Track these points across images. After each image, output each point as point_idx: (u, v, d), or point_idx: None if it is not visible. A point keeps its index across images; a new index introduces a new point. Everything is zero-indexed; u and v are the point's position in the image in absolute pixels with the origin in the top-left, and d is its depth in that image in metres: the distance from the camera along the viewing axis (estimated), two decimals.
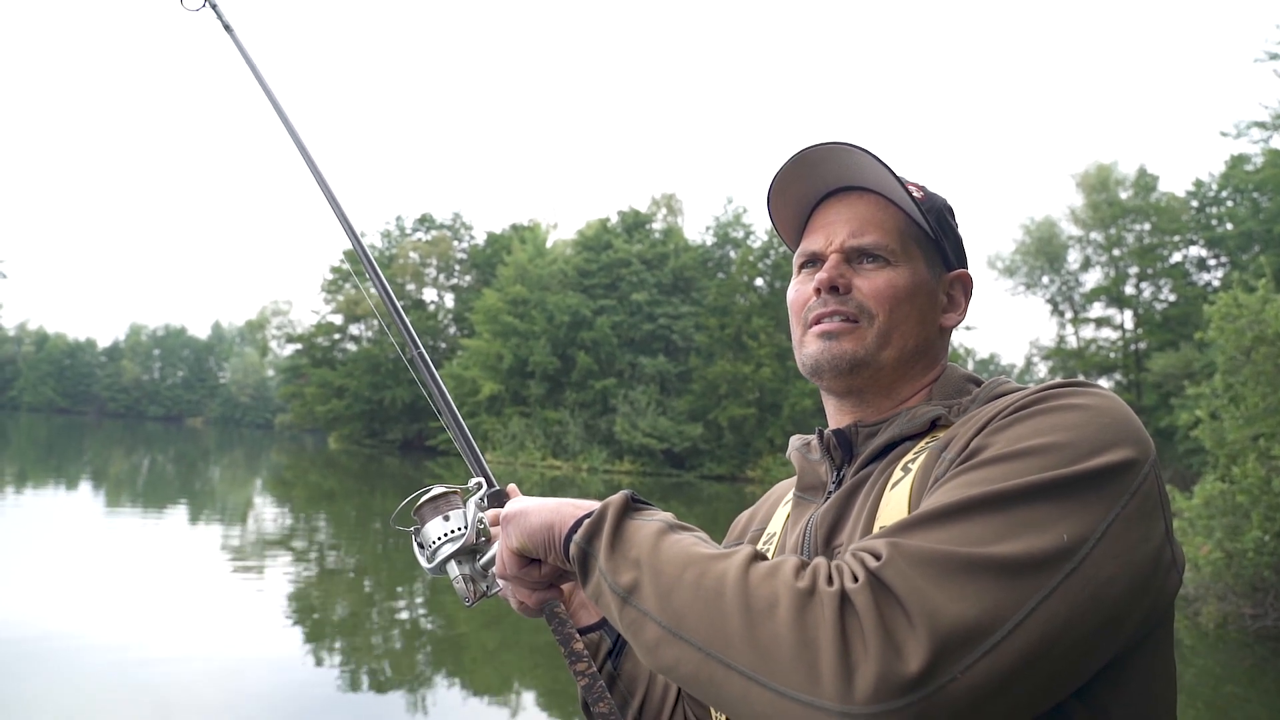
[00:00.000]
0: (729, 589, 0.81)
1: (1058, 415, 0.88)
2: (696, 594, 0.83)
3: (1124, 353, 40.51)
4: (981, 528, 0.78)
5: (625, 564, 0.91)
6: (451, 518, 1.21)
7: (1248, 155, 35.19)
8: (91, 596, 9.63)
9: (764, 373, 43.60)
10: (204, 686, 6.96)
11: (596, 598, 0.95)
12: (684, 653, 0.82)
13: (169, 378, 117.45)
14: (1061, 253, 42.95)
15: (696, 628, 0.81)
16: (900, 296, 1.12)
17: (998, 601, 0.74)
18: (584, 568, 0.97)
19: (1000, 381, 1.09)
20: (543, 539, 1.06)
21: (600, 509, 0.99)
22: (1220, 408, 12.33)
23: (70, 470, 28.70)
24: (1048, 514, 0.79)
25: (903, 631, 0.73)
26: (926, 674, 0.71)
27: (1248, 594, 11.22)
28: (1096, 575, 0.77)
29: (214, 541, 14.95)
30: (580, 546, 0.98)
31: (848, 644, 0.73)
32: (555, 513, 1.06)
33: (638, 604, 0.88)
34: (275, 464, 41.67)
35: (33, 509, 17.69)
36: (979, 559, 0.76)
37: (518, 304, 50.04)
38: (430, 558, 1.20)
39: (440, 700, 7.37)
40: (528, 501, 1.12)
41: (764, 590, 0.79)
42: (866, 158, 1.10)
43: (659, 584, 0.87)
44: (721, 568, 0.84)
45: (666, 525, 0.95)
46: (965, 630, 0.72)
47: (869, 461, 1.10)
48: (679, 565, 0.87)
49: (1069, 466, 0.82)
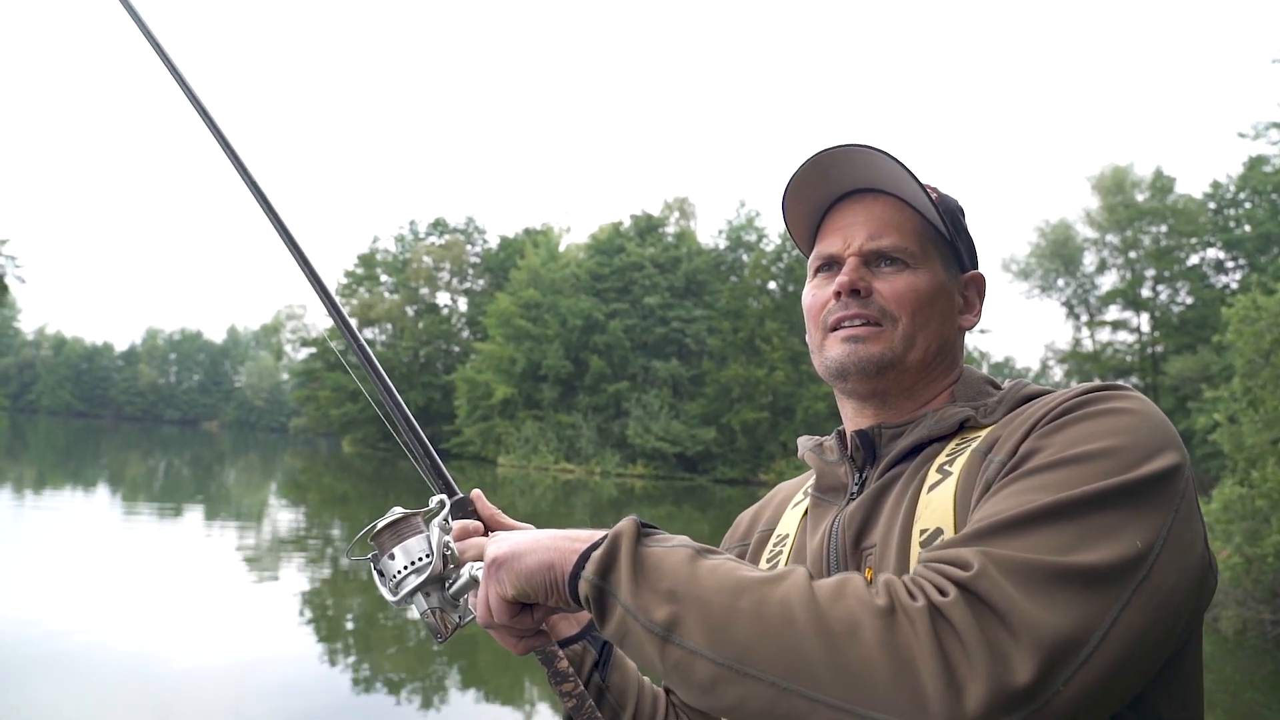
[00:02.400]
0: (800, 613, 0.75)
1: (1107, 420, 0.89)
2: (760, 623, 0.76)
3: (1141, 356, 40.20)
4: (1060, 535, 0.77)
5: (658, 597, 0.81)
6: (414, 544, 1.08)
7: (1266, 156, 34.87)
8: (107, 598, 9.70)
9: (777, 376, 43.51)
10: (219, 688, 6.99)
11: (621, 638, 0.84)
12: (752, 690, 0.74)
13: (185, 381, 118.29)
14: (1077, 255, 42.69)
15: (767, 661, 0.74)
16: (921, 299, 1.11)
17: (1087, 611, 0.73)
18: (601, 606, 0.86)
19: (1023, 384, 1.09)
20: (543, 581, 0.94)
21: (610, 539, 0.88)
22: (1239, 411, 12.21)
23: (87, 473, 28.95)
24: (1118, 521, 0.79)
25: (1007, 644, 0.70)
26: (1036, 687, 0.69)
27: (1268, 599, 11.10)
28: (1164, 582, 0.77)
29: (229, 544, 15.04)
30: (593, 583, 0.86)
31: (949, 660, 0.70)
32: (553, 550, 0.93)
33: (682, 641, 0.78)
34: (290, 467, 41.89)
35: (50, 511, 17.84)
36: (1067, 568, 0.74)
37: (531, 308, 50.14)
38: (394, 589, 1.07)
39: (454, 702, 7.38)
40: (515, 539, 0.98)
41: (840, 612, 0.74)
42: (884, 159, 1.10)
43: (708, 616, 0.78)
44: (782, 592, 0.77)
45: (694, 550, 0.86)
46: (1065, 642, 0.71)
47: (896, 463, 1.09)
48: (729, 593, 0.79)
49: (1129, 472, 0.82)
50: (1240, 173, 37.91)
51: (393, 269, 66.46)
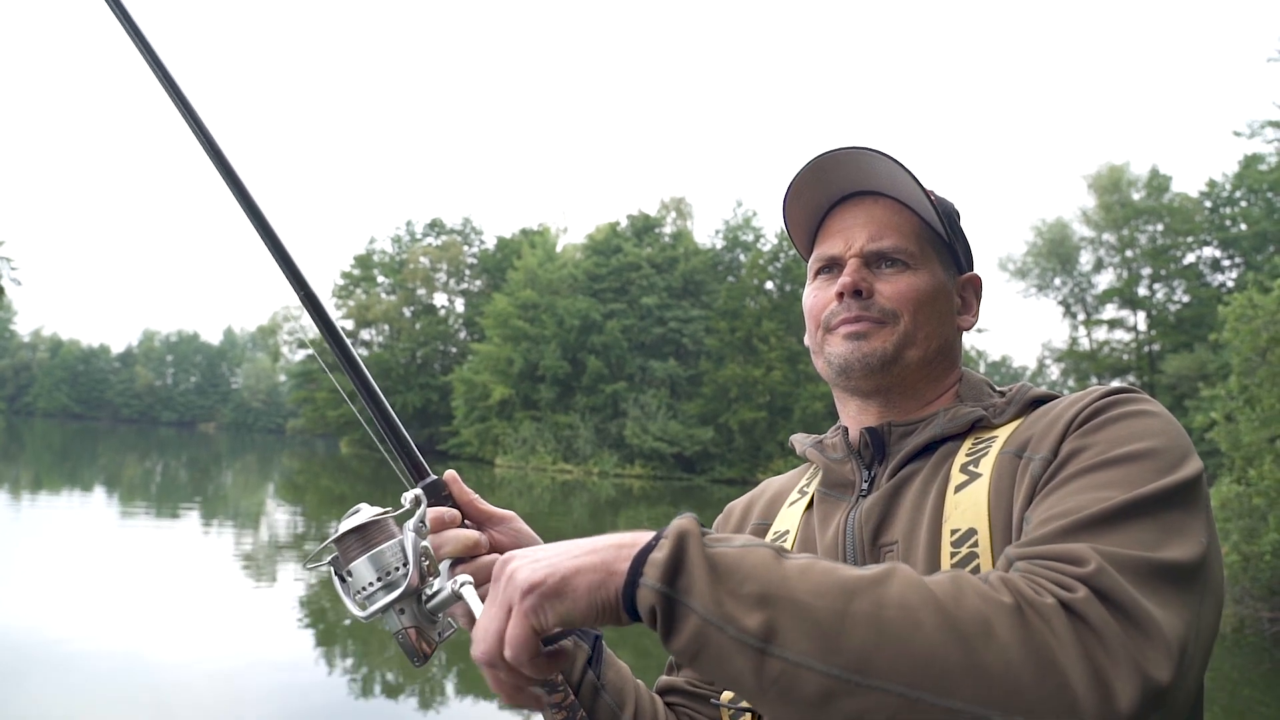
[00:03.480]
0: (925, 615, 0.69)
1: (1140, 421, 0.92)
2: (879, 627, 0.69)
3: (1137, 354, 40.28)
4: (1146, 531, 0.79)
5: (746, 603, 0.71)
6: (385, 552, 0.90)
7: (1262, 155, 34.99)
8: (104, 600, 9.68)
9: (774, 376, 43.55)
10: (216, 690, 6.98)
11: (696, 653, 0.72)
12: (874, 700, 0.68)
13: (182, 383, 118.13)
14: (1073, 254, 42.78)
15: (892, 668, 0.68)
16: (922, 299, 1.13)
17: (1185, 606, 0.74)
18: (670, 618, 0.73)
19: (1028, 387, 1.11)
20: (598, 603, 0.77)
21: (674, 538, 0.75)
22: (1236, 410, 12.24)
23: (84, 475, 28.89)
24: (1184, 518, 0.81)
25: (1144, 645, 0.70)
26: (1174, 686, 0.70)
27: (1265, 597, 11.12)
28: (1217, 576, 0.81)
29: (226, 545, 15.01)
30: (660, 592, 0.73)
31: (1094, 660, 0.68)
32: (600, 559, 0.77)
33: (783, 652, 0.69)
34: (287, 468, 41.84)
35: (47, 514, 17.81)
36: (1167, 564, 0.76)
37: (528, 308, 50.14)
38: (363, 604, 0.90)
39: (451, 704, 7.37)
40: (542, 556, 0.80)
41: (968, 611, 0.70)
42: (884, 161, 1.11)
43: (815, 622, 0.70)
44: (898, 592, 0.71)
45: (774, 549, 0.77)
46: (1182, 637, 0.72)
47: (908, 460, 1.10)
48: (836, 595, 0.71)
49: (1176, 473, 0.84)
50: (1236, 171, 38.03)
51: (389, 270, 66.43)
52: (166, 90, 1.06)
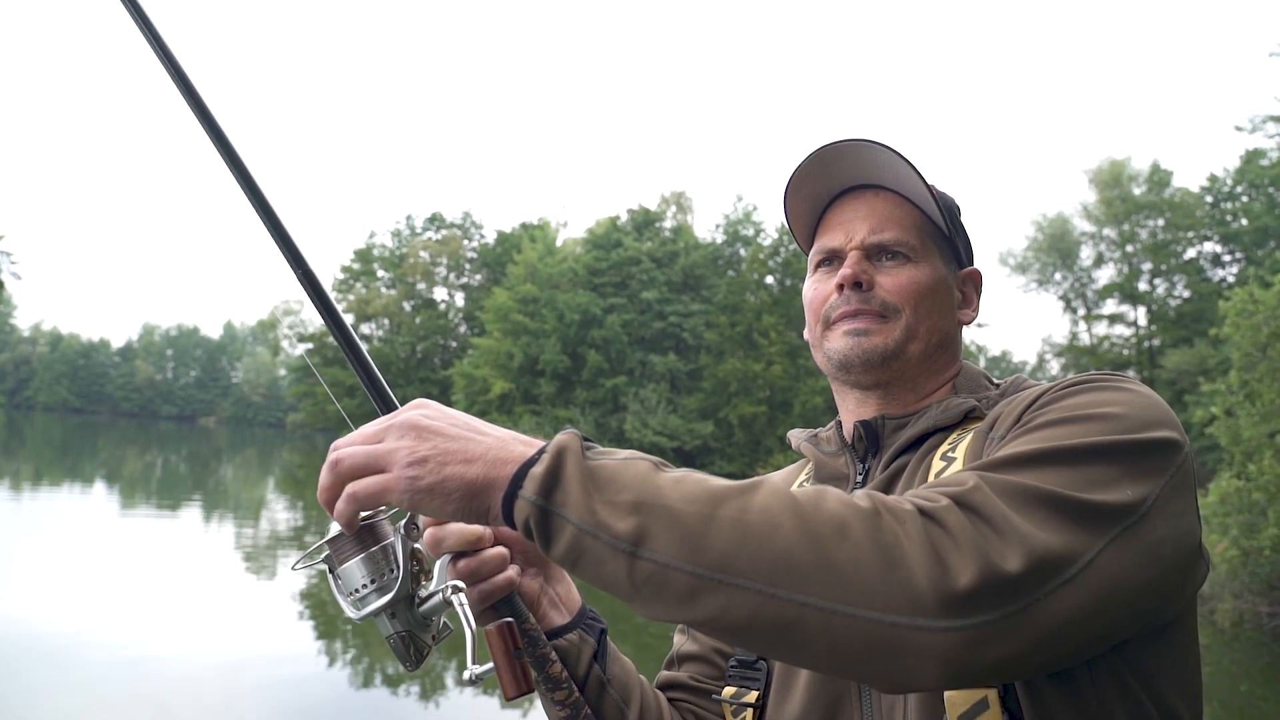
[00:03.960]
0: (785, 518, 0.73)
1: (1108, 392, 0.92)
2: (742, 530, 0.73)
3: (1137, 349, 40.25)
4: (1056, 474, 0.80)
5: (619, 510, 0.75)
6: (377, 555, 0.90)
7: (1263, 150, 34.96)
8: (105, 594, 9.69)
9: (775, 370, 43.55)
10: (216, 683, 6.99)
11: (575, 560, 0.77)
12: (734, 598, 0.72)
13: (182, 377, 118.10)
14: (1074, 249, 42.71)
15: (751, 567, 0.72)
16: (923, 292, 1.13)
17: (1073, 539, 0.75)
18: (546, 529, 0.77)
19: (1022, 379, 1.11)
20: (468, 510, 0.81)
21: (552, 453, 0.79)
22: (1236, 404, 12.24)
23: (84, 469, 28.92)
24: (1112, 472, 0.81)
25: (995, 543, 0.72)
26: (1023, 583, 0.71)
27: (1264, 592, 11.13)
28: (1150, 534, 0.80)
29: (227, 539, 15.03)
30: (535, 504, 0.77)
31: (940, 554, 0.71)
32: (480, 477, 0.80)
33: (651, 555, 0.73)
34: (287, 463, 41.87)
35: (47, 508, 17.82)
36: (1059, 497, 0.77)
37: (528, 302, 50.13)
38: (356, 605, 0.90)
39: (452, 696, 7.39)
40: (435, 437, 0.83)
41: (825, 514, 0.73)
42: (886, 154, 1.11)
43: (682, 527, 0.74)
44: (762, 499, 0.75)
45: (653, 462, 0.81)
46: (1051, 556, 0.73)
47: (901, 453, 1.10)
48: (704, 502, 0.75)
49: (1127, 434, 0.85)
50: (1237, 166, 37.96)
51: (390, 264, 66.40)
52: (171, 75, 1.04)
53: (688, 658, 1.25)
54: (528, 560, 1.09)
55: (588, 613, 1.14)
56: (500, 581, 1.01)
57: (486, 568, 1.00)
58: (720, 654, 1.22)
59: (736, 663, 1.17)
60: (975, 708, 0.88)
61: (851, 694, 1.02)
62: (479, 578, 0.99)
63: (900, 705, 0.95)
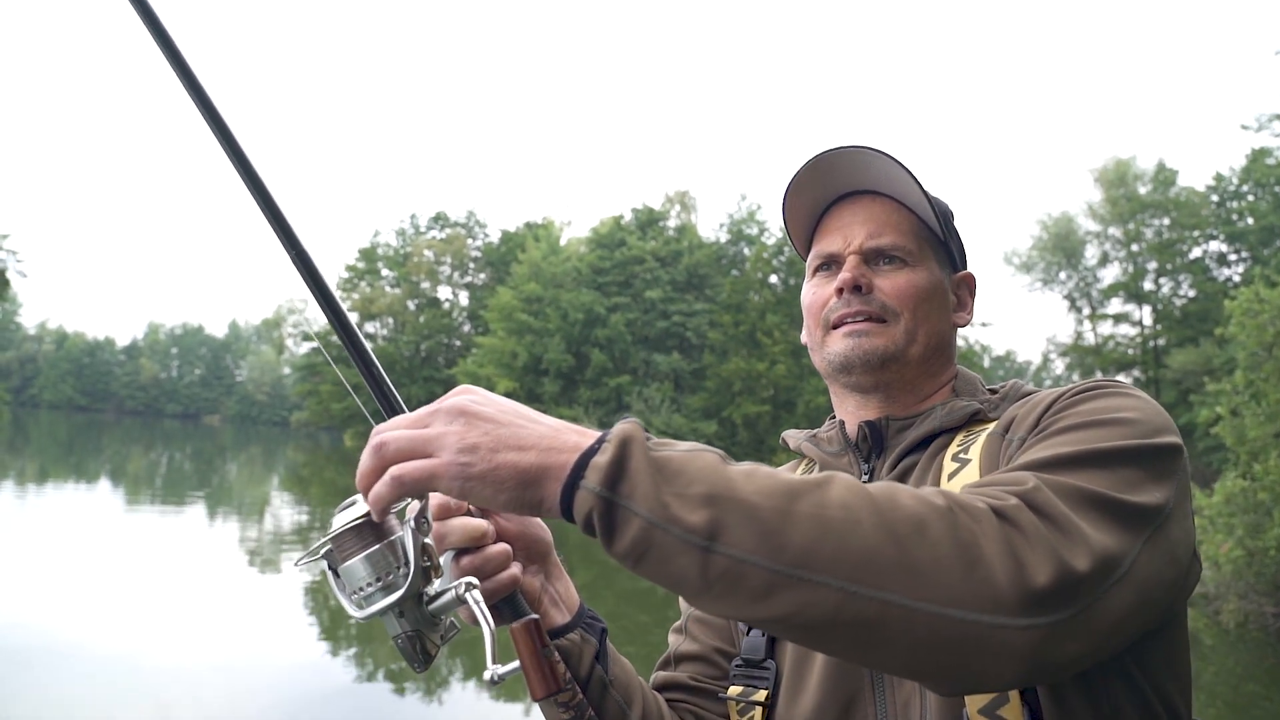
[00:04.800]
0: (864, 515, 0.72)
1: (1119, 399, 0.95)
2: (822, 526, 0.72)
3: (1142, 349, 40.17)
4: (1099, 477, 0.82)
5: (691, 503, 0.72)
6: (383, 551, 0.85)
7: (1269, 148, 34.87)
8: (109, 592, 9.73)
9: (778, 370, 43.54)
10: (219, 682, 7.01)
11: (640, 556, 0.74)
12: (814, 595, 0.71)
13: (186, 376, 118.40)
14: (1079, 248, 42.63)
15: (832, 563, 0.71)
16: (921, 296, 1.16)
17: (1122, 538, 0.78)
18: (610, 522, 0.74)
19: (1021, 384, 1.15)
20: (520, 501, 0.77)
21: (616, 442, 0.76)
22: (1241, 404, 12.22)
23: (89, 467, 29.01)
24: (1143, 476, 0.85)
25: (1064, 543, 0.74)
26: (1092, 581, 0.74)
27: (1269, 592, 11.10)
28: (1171, 534, 0.83)
29: (231, 538, 15.07)
30: (600, 495, 0.74)
31: (1016, 552, 0.72)
32: (535, 465, 0.77)
33: (728, 550, 0.71)
34: (292, 461, 41.97)
35: (52, 506, 17.88)
36: (1108, 499, 0.80)
37: (532, 302, 50.16)
38: (360, 604, 0.85)
39: (456, 694, 7.40)
40: (486, 424, 0.79)
41: (903, 512, 0.73)
42: (883, 160, 1.14)
43: (759, 521, 0.72)
44: (839, 494, 0.74)
45: (719, 454, 0.79)
46: (1109, 556, 0.76)
47: (908, 453, 1.12)
48: (781, 497, 0.73)
49: (1145, 439, 0.88)
50: (1243, 165, 37.84)
51: (394, 263, 66.47)
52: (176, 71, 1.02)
53: (686, 658, 1.24)
54: (529, 557, 1.07)
55: (587, 612, 1.12)
56: (504, 579, 0.98)
57: (490, 565, 0.97)
58: (722, 654, 1.22)
59: (742, 662, 1.17)
60: (995, 702, 0.91)
61: (866, 690, 1.02)
62: (483, 575, 0.96)
63: (917, 701, 0.96)
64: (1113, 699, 0.90)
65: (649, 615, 9.78)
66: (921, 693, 0.96)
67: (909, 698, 0.97)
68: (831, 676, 1.04)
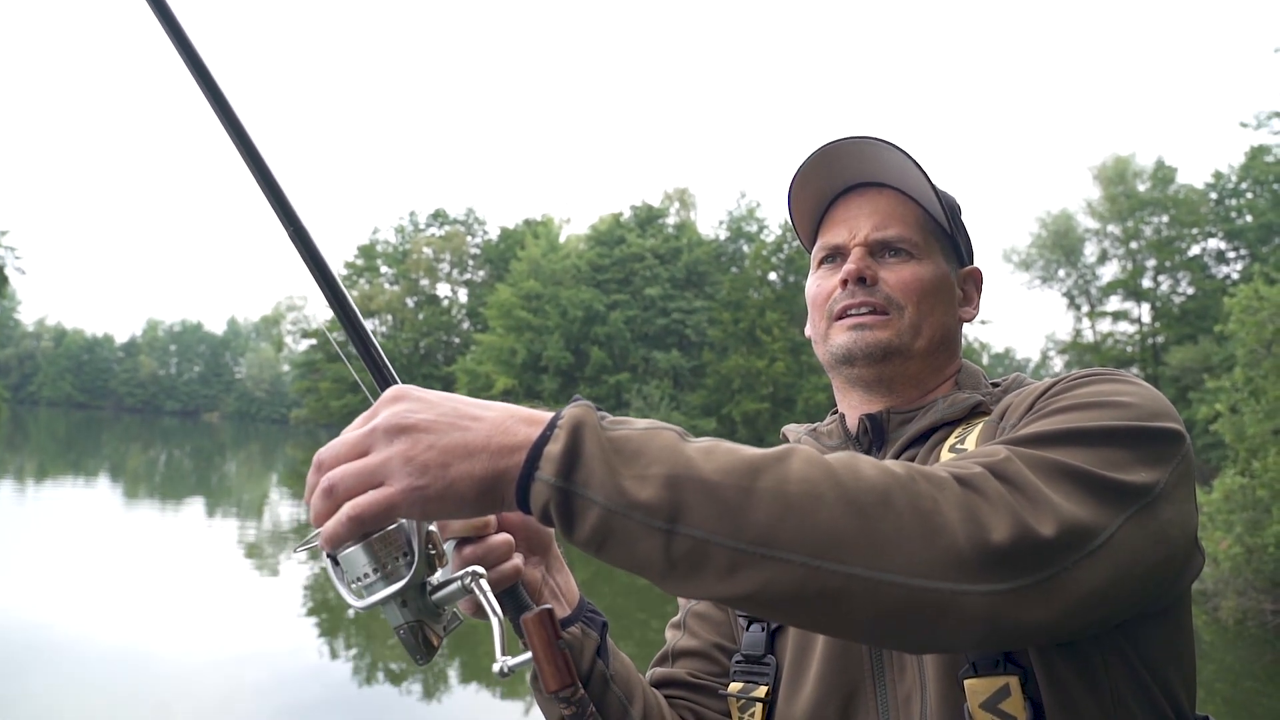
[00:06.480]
0: (826, 489, 0.72)
1: (1118, 384, 0.94)
2: (784, 502, 0.71)
3: (1141, 346, 40.22)
4: (1079, 453, 0.82)
5: (649, 485, 0.71)
6: (385, 538, 0.81)
7: (1268, 146, 34.86)
8: (108, 590, 9.72)
9: (778, 367, 43.56)
10: (219, 679, 7.01)
11: (601, 542, 0.72)
12: (778, 571, 0.70)
13: (185, 373, 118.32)
14: (1078, 246, 42.67)
15: (795, 539, 0.70)
16: (926, 289, 1.14)
17: (1098, 512, 0.77)
18: (568, 512, 0.72)
19: (1023, 378, 1.14)
20: (482, 504, 0.75)
21: (568, 429, 0.73)
22: (1240, 401, 12.22)
23: (88, 465, 29.00)
24: (1128, 455, 0.84)
25: (1030, 511, 0.74)
26: (1055, 549, 0.73)
27: (1268, 589, 11.11)
28: (1160, 515, 0.82)
29: (230, 535, 15.07)
30: (555, 486, 0.71)
31: (978, 518, 0.72)
32: (487, 470, 0.73)
33: (690, 530, 0.70)
34: (291, 458, 41.94)
35: (51, 503, 17.88)
36: (1084, 473, 0.80)
37: (531, 299, 50.17)
38: (360, 594, 0.82)
39: (456, 692, 7.40)
40: (430, 437, 0.74)
41: (865, 484, 0.72)
42: (890, 152, 1.13)
43: (720, 500, 0.70)
44: (800, 469, 0.73)
45: (677, 431, 0.77)
46: (1079, 527, 0.75)
47: (908, 446, 1.11)
48: (741, 474, 0.72)
49: (1139, 421, 0.87)
50: (1242, 163, 37.91)
51: (393, 260, 66.45)
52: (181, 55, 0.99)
53: (685, 653, 1.23)
54: (530, 548, 1.05)
55: (587, 606, 1.10)
56: (507, 570, 0.96)
57: (493, 555, 0.95)
58: (721, 650, 1.21)
59: (743, 658, 1.16)
60: (997, 695, 0.90)
61: (867, 684, 1.01)
62: (485, 565, 0.94)
63: (918, 693, 0.96)
64: (1115, 689, 0.90)
65: (647, 611, 9.78)
66: (923, 686, 0.95)
67: (910, 691, 0.96)
68: (831, 671, 1.04)
